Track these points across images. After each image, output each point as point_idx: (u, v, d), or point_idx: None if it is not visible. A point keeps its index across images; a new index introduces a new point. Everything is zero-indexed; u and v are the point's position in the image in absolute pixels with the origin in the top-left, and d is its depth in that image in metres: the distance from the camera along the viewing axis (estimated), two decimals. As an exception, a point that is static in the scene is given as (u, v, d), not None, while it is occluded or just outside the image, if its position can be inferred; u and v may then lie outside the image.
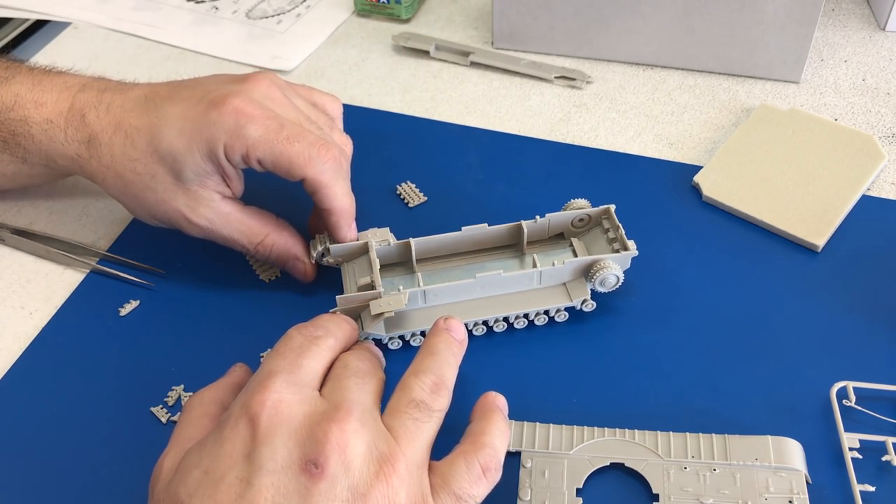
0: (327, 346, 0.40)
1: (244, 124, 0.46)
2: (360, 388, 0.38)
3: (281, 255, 0.51)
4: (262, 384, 0.36)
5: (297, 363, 0.38)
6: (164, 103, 0.48)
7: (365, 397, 0.37)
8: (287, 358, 0.38)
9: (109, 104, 0.50)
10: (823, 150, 0.58)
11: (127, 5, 0.78)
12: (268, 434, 0.35)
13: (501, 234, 0.51)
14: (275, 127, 0.46)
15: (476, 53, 0.69)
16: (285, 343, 0.40)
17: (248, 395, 0.37)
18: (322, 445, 0.34)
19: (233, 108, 0.46)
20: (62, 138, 0.50)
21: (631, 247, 0.48)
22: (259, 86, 0.48)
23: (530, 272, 0.48)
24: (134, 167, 0.49)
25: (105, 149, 0.49)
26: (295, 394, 0.36)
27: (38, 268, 0.56)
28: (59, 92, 0.51)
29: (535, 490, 0.42)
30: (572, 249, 0.51)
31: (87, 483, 0.45)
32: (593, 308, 0.50)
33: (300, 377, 0.37)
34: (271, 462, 0.34)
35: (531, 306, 0.49)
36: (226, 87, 0.48)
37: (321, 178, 0.47)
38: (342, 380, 0.38)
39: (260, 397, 0.36)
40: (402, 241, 0.50)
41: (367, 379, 0.39)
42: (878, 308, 0.50)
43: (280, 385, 0.36)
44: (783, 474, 0.42)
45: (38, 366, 0.50)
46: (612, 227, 0.50)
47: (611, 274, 0.48)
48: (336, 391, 0.37)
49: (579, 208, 0.51)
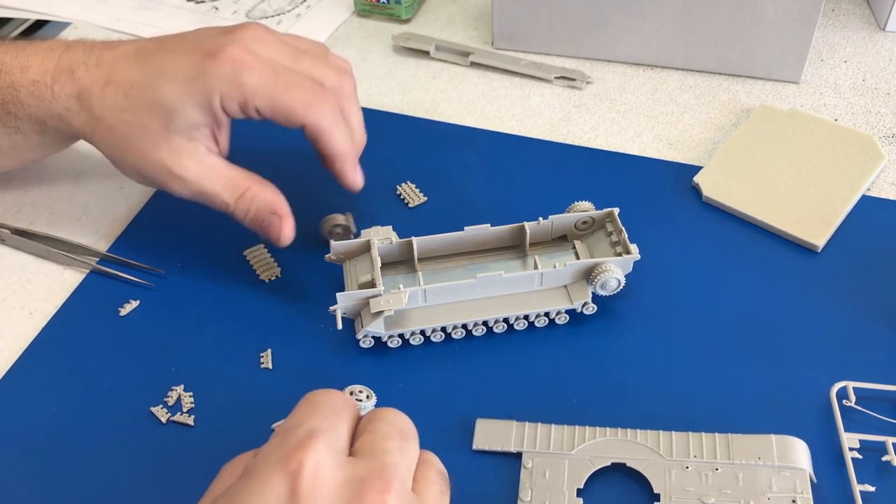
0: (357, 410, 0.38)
1: (241, 72, 0.46)
2: (402, 452, 0.35)
3: (261, 210, 0.50)
4: (302, 443, 0.34)
5: (336, 426, 0.35)
6: (155, 56, 0.49)
7: (405, 462, 0.35)
8: (328, 419, 0.36)
9: (99, 59, 0.50)
10: (823, 151, 0.58)
11: (127, 5, 0.78)
12: (308, 496, 0.32)
13: (504, 235, 0.51)
14: (271, 75, 0.47)
15: (476, 53, 0.69)
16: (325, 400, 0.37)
17: (285, 449, 0.34)
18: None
19: (229, 57, 0.47)
20: (49, 96, 0.50)
21: (633, 250, 0.48)
22: (249, 32, 0.49)
23: (531, 273, 0.48)
24: (124, 118, 0.49)
25: (96, 101, 0.49)
26: (333, 458, 0.34)
27: (38, 268, 0.56)
28: (43, 54, 0.51)
29: (536, 490, 0.42)
30: (574, 252, 0.51)
31: (86, 483, 0.45)
32: (594, 311, 0.50)
33: (338, 441, 0.35)
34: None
35: (531, 308, 0.49)
36: (219, 38, 0.48)
37: (320, 124, 0.48)
38: (385, 441, 0.36)
39: (301, 455, 0.33)
40: (404, 239, 0.50)
41: (409, 441, 0.36)
42: (878, 308, 0.50)
43: (321, 446, 0.34)
44: (787, 473, 0.42)
45: (38, 366, 0.50)
46: (616, 231, 0.50)
47: (612, 277, 0.48)
48: (377, 454, 0.35)
49: (583, 211, 0.51)
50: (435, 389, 0.48)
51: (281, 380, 0.49)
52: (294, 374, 0.49)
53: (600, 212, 0.51)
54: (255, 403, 0.48)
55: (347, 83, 0.52)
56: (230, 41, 0.48)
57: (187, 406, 0.48)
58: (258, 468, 0.34)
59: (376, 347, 0.49)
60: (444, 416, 0.46)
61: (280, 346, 0.50)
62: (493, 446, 0.45)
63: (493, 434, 0.45)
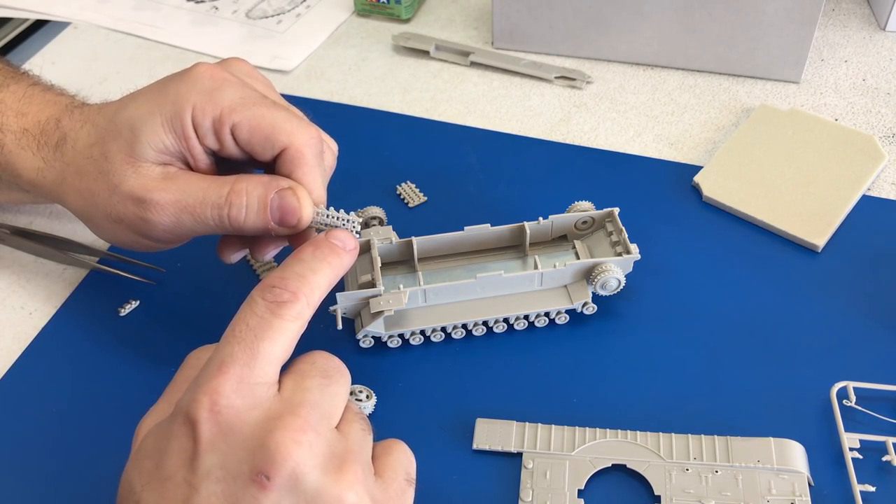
0: (292, 314, 0.35)
1: (219, 86, 0.42)
2: (323, 391, 0.35)
3: (262, 193, 0.42)
4: (209, 382, 0.33)
5: (254, 351, 0.34)
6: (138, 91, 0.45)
7: (327, 400, 0.35)
8: (244, 341, 0.34)
9: (90, 108, 0.47)
10: (823, 150, 0.58)
11: (127, 5, 0.78)
12: (212, 442, 0.32)
13: (504, 235, 0.51)
14: (253, 94, 0.43)
15: (476, 53, 0.69)
16: (244, 316, 0.35)
17: (195, 391, 0.33)
18: (273, 456, 0.32)
19: (207, 70, 0.43)
20: (33, 147, 0.47)
21: (633, 250, 0.48)
22: (232, 61, 0.46)
23: (531, 273, 0.48)
24: (92, 153, 0.44)
25: (69, 145, 0.46)
26: (245, 398, 0.33)
27: (38, 268, 0.56)
28: (43, 105, 0.49)
29: (537, 491, 0.42)
30: (575, 252, 0.51)
31: (86, 483, 0.45)
32: (594, 311, 0.50)
33: (255, 373, 0.34)
34: (219, 470, 0.32)
35: (531, 308, 0.49)
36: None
37: (304, 151, 0.42)
38: (305, 379, 0.35)
39: (203, 400, 0.33)
40: (404, 239, 0.50)
41: (333, 380, 0.36)
42: (878, 308, 0.50)
43: (230, 386, 0.33)
44: (785, 476, 0.42)
45: (38, 366, 0.50)
46: (616, 230, 0.50)
47: (612, 277, 0.48)
48: (297, 392, 0.34)
49: (583, 210, 0.51)
50: (435, 389, 0.48)
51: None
52: (294, 375, 0.49)
53: (600, 212, 0.51)
54: (255, 404, 0.48)
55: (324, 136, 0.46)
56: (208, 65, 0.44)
57: (187, 406, 0.48)
58: (176, 410, 0.34)
59: (376, 347, 0.49)
60: (444, 416, 0.46)
61: (280, 346, 0.50)
62: (494, 446, 0.45)
63: (493, 434, 0.45)
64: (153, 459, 0.34)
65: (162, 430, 0.34)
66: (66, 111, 0.48)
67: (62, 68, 0.72)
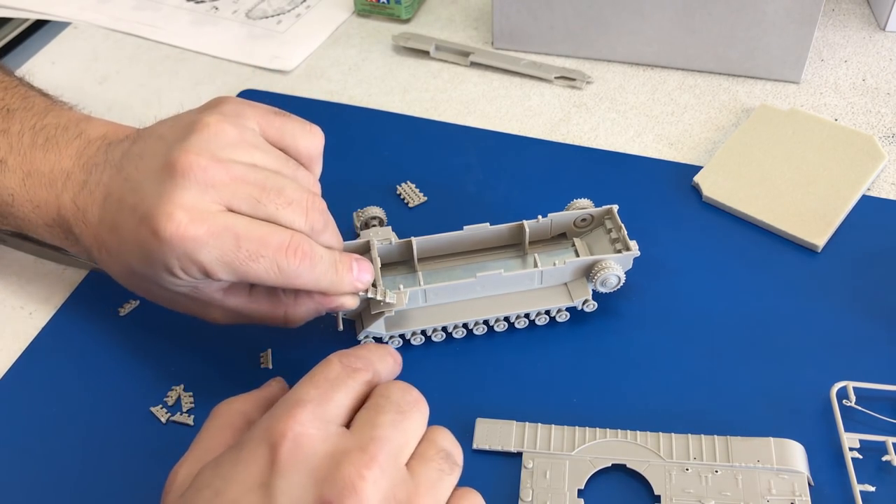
0: (363, 379, 0.38)
1: (193, 250, 0.40)
2: (395, 427, 0.35)
3: (310, 311, 0.46)
4: (288, 412, 0.35)
5: (329, 396, 0.36)
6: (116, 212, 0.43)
7: (399, 437, 0.35)
8: (320, 388, 0.36)
9: (84, 213, 0.45)
10: (823, 151, 0.58)
11: (127, 5, 0.78)
12: (286, 467, 0.33)
13: (503, 234, 0.51)
14: (230, 245, 0.40)
15: (476, 53, 0.69)
16: (322, 371, 0.37)
17: (272, 420, 0.35)
18: (339, 489, 0.33)
19: (173, 234, 0.40)
20: (68, 245, 0.48)
21: (633, 247, 0.48)
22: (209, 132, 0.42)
23: (531, 272, 0.48)
24: (133, 284, 0.46)
25: (102, 264, 0.46)
26: (319, 429, 0.34)
27: (38, 268, 0.56)
28: (46, 191, 0.46)
29: (537, 491, 0.42)
30: (574, 249, 0.51)
31: (86, 483, 0.45)
32: (594, 308, 0.50)
33: (328, 411, 0.35)
34: (286, 497, 0.33)
35: (532, 306, 0.49)
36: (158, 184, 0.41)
37: (296, 284, 0.43)
38: (379, 415, 0.36)
39: (283, 426, 0.34)
40: (403, 239, 0.50)
41: (407, 415, 0.36)
42: (878, 308, 0.50)
43: (306, 417, 0.35)
44: (785, 476, 0.42)
45: (38, 366, 0.50)
46: (615, 227, 0.50)
47: (612, 274, 0.48)
48: (366, 428, 0.35)
49: (582, 208, 0.51)
50: (436, 389, 0.48)
51: (281, 380, 0.49)
52: (294, 374, 0.49)
53: (599, 209, 0.51)
54: (256, 403, 0.48)
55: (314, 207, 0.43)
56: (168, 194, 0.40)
57: (187, 406, 0.48)
58: (247, 439, 0.35)
59: (376, 347, 0.49)
60: (444, 415, 0.46)
61: (280, 345, 0.50)
62: (494, 446, 0.45)
63: (493, 434, 0.45)
64: (213, 488, 0.34)
65: (227, 458, 0.35)
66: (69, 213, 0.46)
67: (62, 68, 0.72)
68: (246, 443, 0.35)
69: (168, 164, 0.41)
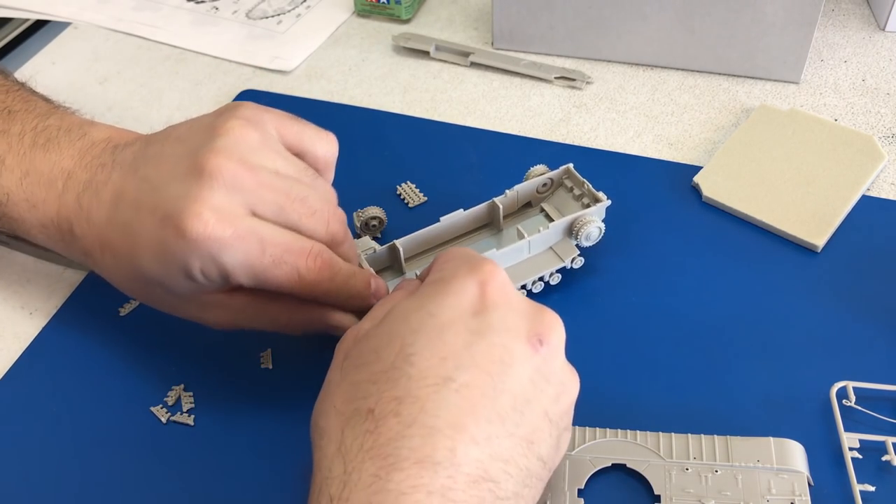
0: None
1: (218, 252, 0.40)
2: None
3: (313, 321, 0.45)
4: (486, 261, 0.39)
5: None
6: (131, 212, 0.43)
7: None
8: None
9: (89, 213, 0.45)
10: (823, 151, 0.58)
11: (127, 5, 0.78)
12: (497, 302, 0.37)
13: (479, 215, 0.52)
14: (255, 250, 0.41)
15: (476, 54, 0.69)
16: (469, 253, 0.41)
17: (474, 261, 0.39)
18: (548, 326, 0.38)
19: (200, 234, 0.40)
20: (63, 246, 0.47)
21: (602, 197, 0.50)
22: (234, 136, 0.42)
23: (522, 243, 0.49)
24: (132, 287, 0.46)
25: (101, 266, 0.46)
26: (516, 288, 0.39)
27: (38, 268, 0.56)
28: (45, 190, 0.46)
29: (536, 490, 0.42)
30: (545, 213, 0.53)
31: (86, 483, 0.45)
32: (582, 264, 0.51)
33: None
34: (502, 325, 0.36)
35: (526, 276, 0.50)
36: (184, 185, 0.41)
37: (314, 293, 0.43)
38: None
39: (491, 268, 0.38)
40: (387, 244, 0.50)
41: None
42: (878, 308, 0.50)
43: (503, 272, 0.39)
44: (785, 476, 0.42)
45: (39, 366, 0.50)
46: (577, 185, 0.52)
47: (594, 227, 0.50)
48: None
49: (541, 174, 0.53)
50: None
51: (281, 379, 0.49)
52: (294, 374, 0.49)
53: (557, 170, 0.53)
54: (255, 403, 0.48)
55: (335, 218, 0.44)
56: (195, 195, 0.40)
57: (187, 406, 0.48)
58: (449, 274, 0.38)
59: (376, 347, 0.49)
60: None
61: (280, 345, 0.50)
62: (493, 446, 0.44)
63: (493, 434, 0.45)
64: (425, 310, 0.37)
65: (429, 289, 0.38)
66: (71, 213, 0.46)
67: (62, 68, 0.72)
68: (451, 277, 0.38)
69: (195, 165, 0.41)
